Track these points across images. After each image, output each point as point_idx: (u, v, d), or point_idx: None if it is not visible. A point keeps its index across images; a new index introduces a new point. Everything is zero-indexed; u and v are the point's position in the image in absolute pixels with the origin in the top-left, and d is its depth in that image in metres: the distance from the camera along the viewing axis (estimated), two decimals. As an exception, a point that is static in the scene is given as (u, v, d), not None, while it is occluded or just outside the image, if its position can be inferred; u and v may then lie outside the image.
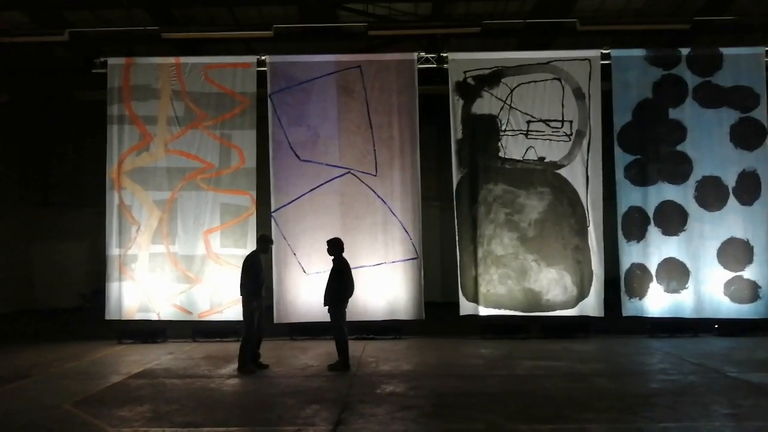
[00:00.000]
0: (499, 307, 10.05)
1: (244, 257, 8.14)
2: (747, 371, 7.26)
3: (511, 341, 9.57)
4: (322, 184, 10.07)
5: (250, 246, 9.97)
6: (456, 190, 10.23)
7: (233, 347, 9.30)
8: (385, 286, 9.95)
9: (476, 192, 10.16)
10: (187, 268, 9.97)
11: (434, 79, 10.93)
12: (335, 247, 8.01)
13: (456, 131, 10.26)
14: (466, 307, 10.06)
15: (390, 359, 8.21)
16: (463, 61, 10.28)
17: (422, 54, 10.39)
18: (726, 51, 10.13)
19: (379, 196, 10.10)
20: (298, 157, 10.12)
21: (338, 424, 5.35)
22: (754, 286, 9.74)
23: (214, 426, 5.32)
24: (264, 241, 8.15)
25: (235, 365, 7.78)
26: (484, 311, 9.99)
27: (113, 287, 10.04)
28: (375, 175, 10.13)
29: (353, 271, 9.67)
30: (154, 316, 9.96)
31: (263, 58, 10.32)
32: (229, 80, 10.33)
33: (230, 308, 9.85)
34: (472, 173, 10.20)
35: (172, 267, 9.99)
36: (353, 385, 6.80)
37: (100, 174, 10.33)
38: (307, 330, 9.91)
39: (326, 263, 9.79)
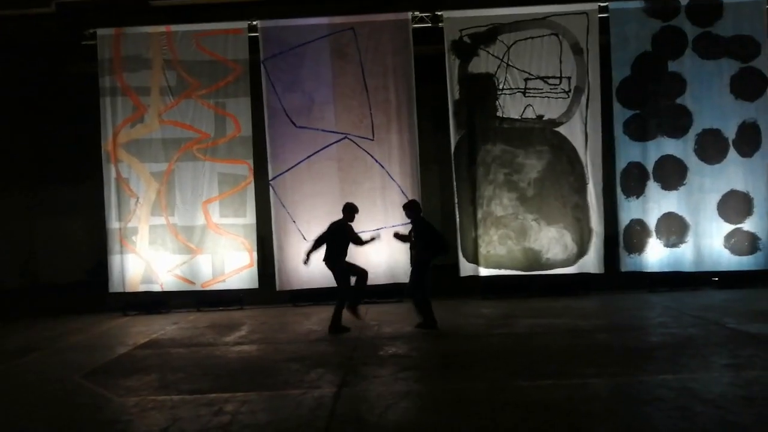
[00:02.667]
0: (500, 268, 10.09)
1: (335, 225, 7.96)
2: (746, 322, 7.33)
3: (512, 301, 9.65)
4: (318, 151, 10.00)
5: (250, 215, 10.02)
6: (454, 152, 10.17)
7: (237, 315, 9.47)
8: (385, 251, 9.96)
9: (475, 153, 10.10)
10: (187, 239, 10.00)
11: (430, 38, 10.72)
12: (414, 209, 7.95)
13: (453, 92, 10.13)
14: (466, 268, 10.10)
15: (392, 322, 8.29)
16: (458, 19, 10.09)
17: (416, 13, 10.18)
18: (726, 0, 9.92)
19: (376, 161, 10.05)
20: (294, 124, 10.02)
21: (342, 386, 5.43)
22: (754, 238, 9.75)
23: (221, 392, 5.40)
24: (351, 210, 8.03)
25: (240, 332, 7.87)
26: (484, 272, 10.04)
27: (115, 260, 10.09)
28: (372, 140, 10.06)
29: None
30: (157, 288, 10.04)
31: (254, 23, 10.14)
32: (221, 47, 10.16)
33: (233, 277, 9.93)
34: (470, 134, 10.11)
35: (172, 238, 10.01)
36: (357, 348, 6.89)
37: (96, 147, 10.27)
38: (309, 296, 9.98)
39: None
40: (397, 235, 8.21)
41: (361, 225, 9.86)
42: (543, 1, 10.52)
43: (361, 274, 7.86)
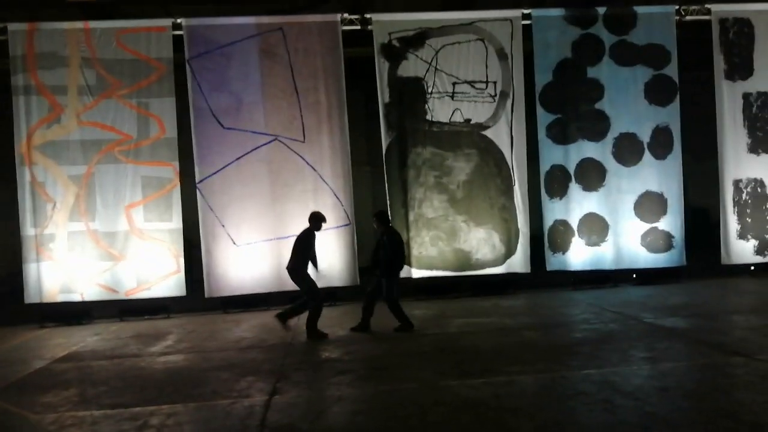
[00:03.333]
0: (431, 269, 10.23)
1: (301, 234, 7.82)
2: (662, 317, 7.75)
3: (444, 301, 9.81)
4: (248, 152, 9.81)
5: (176, 219, 9.71)
6: (386, 154, 10.23)
7: (164, 324, 9.15)
8: (318, 255, 9.87)
9: (405, 155, 10.20)
10: (109, 245, 9.57)
11: (360, 41, 10.76)
12: (383, 218, 7.94)
13: (383, 95, 10.19)
14: (399, 270, 10.17)
15: (325, 326, 8.20)
16: (387, 23, 10.16)
17: (346, 15, 10.18)
18: (640, 10, 10.44)
19: (308, 163, 9.96)
20: (222, 125, 9.79)
21: (274, 394, 5.34)
22: (668, 236, 10.33)
23: (145, 405, 5.20)
24: (318, 219, 7.90)
25: (166, 342, 7.61)
26: (416, 273, 10.16)
27: (31, 269, 9.52)
28: (303, 142, 9.96)
29: (285, 241, 9.65)
30: (77, 297, 9.55)
31: (179, 21, 9.84)
32: (144, 45, 9.80)
33: (159, 284, 9.59)
34: (401, 137, 10.21)
35: (93, 245, 9.55)
36: (289, 355, 6.80)
37: (9, 150, 9.67)
38: (240, 303, 9.79)
39: (257, 234, 9.73)
40: (370, 271, 8.08)
41: (293, 228, 9.77)
42: (469, 7, 10.78)
43: (315, 296, 7.72)
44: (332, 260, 9.94)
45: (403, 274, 10.06)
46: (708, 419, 4.27)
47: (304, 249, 7.71)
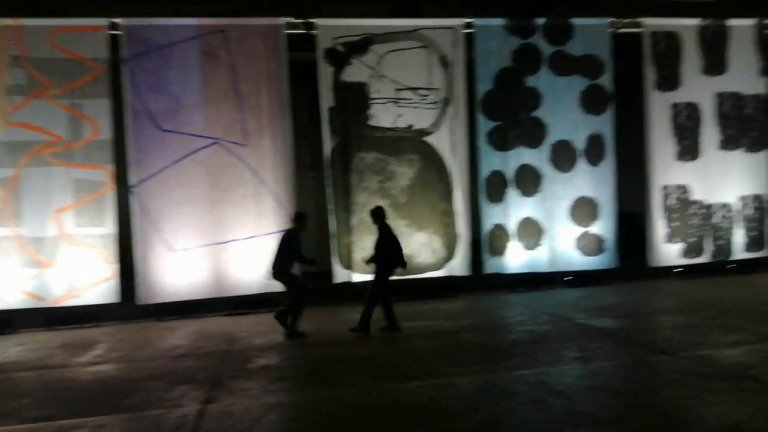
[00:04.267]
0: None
1: (285, 232, 7.91)
2: (593, 317, 8.02)
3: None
4: (186, 156, 9.57)
5: (109, 224, 9.39)
6: (329, 159, 10.20)
7: (94, 333, 8.81)
8: (258, 260, 9.75)
9: (349, 160, 10.20)
10: (36, 251, 9.13)
11: (304, 45, 10.70)
12: (380, 214, 7.94)
13: (327, 99, 10.16)
14: (340, 274, 10.17)
15: (264, 332, 8.13)
16: (331, 28, 10.15)
17: (290, 19, 10.11)
18: (576, 21, 10.80)
19: (249, 167, 9.81)
20: (159, 128, 9.53)
21: (208, 403, 5.23)
22: (601, 240, 10.71)
23: (72, 417, 4.99)
24: (302, 219, 7.98)
25: (95, 351, 7.35)
26: (358, 278, 10.15)
27: (-50, 276, 9.01)
28: (244, 145, 9.81)
29: (224, 246, 9.50)
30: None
31: (117, 20, 9.53)
32: (79, 45, 9.43)
33: (89, 291, 9.22)
34: (345, 141, 10.20)
35: (19, 251, 9.11)
36: (225, 362, 6.67)
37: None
38: (176, 309, 9.52)
39: (194, 239, 9.51)
40: (366, 261, 8.21)
41: (233, 233, 9.70)
42: (414, 14, 10.91)
43: (303, 293, 7.84)
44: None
45: (344, 278, 10.18)
46: (635, 416, 4.44)
47: (289, 249, 7.73)
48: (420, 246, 10.32)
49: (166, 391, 5.62)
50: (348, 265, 10.16)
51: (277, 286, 9.70)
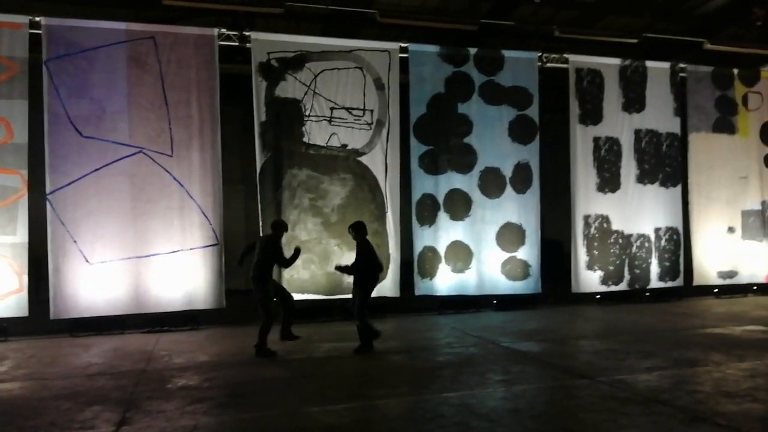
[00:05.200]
0: (303, 292, 10.09)
1: (264, 240, 7.75)
2: (517, 341, 8.19)
3: (313, 325, 9.69)
4: (108, 164, 9.17)
5: (21, 233, 8.83)
6: (260, 174, 10.02)
7: (0, 348, 8.19)
8: (181, 275, 9.41)
9: (281, 176, 10.06)
10: (-62, 260, 8.45)
11: (237, 57, 10.55)
12: (360, 231, 7.84)
13: (260, 113, 10.02)
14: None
15: (185, 351, 7.80)
16: (266, 42, 10.05)
17: (224, 31, 9.94)
18: (507, 53, 11.21)
19: (175, 179, 9.49)
20: (80, 133, 9.08)
21: (121, 425, 4.92)
22: (526, 265, 11.03)
23: (-36, 442, 4.57)
24: (281, 227, 7.89)
25: (0, 368, 6.81)
26: (288, 296, 9.95)
27: None
28: (171, 156, 9.50)
29: (145, 260, 9.13)
30: None
31: (38, 19, 9.06)
32: (-6, 41, 8.90)
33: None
34: (277, 157, 10.06)
35: None
36: (141, 382, 6.33)
37: None
38: (91, 325, 9.03)
39: (113, 251, 9.07)
40: (339, 268, 7.94)
41: (155, 247, 9.33)
42: (350, 35, 10.99)
43: (288, 298, 7.89)
44: (197, 282, 9.51)
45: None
46: (553, 438, 4.52)
47: (269, 257, 7.60)
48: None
49: (76, 412, 5.26)
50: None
51: (200, 304, 9.49)
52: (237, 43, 10.02)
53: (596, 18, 12.59)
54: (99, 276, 8.98)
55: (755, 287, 12.74)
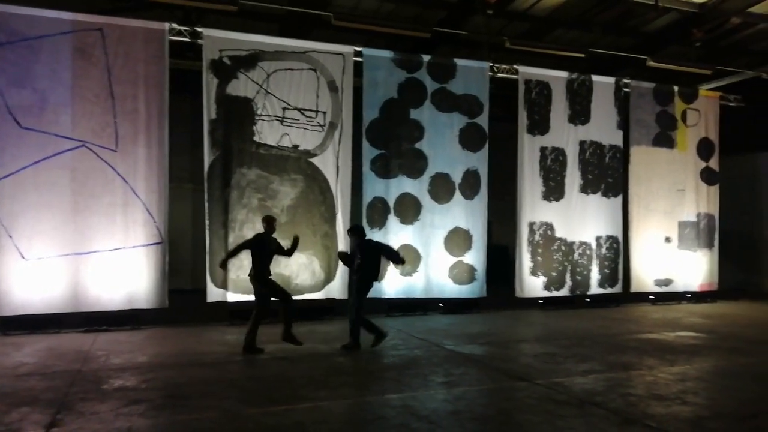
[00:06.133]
0: (249, 293, 9.83)
1: (260, 237, 7.83)
2: (461, 344, 8.32)
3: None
4: (49, 157, 8.85)
5: (-50, 226, 8.39)
6: (208, 172, 9.85)
7: None
8: (123, 273, 9.17)
9: (229, 175, 9.93)
10: None
11: (188, 53, 10.38)
12: (359, 234, 8.17)
13: (210, 111, 9.86)
14: (214, 293, 9.79)
15: (124, 351, 7.59)
16: (219, 39, 9.92)
17: (175, 26, 9.76)
18: (459, 62, 11.41)
19: (119, 174, 9.25)
20: (19, 124, 8.74)
21: (51, 427, 4.76)
22: (472, 269, 11.22)
23: None
24: (271, 222, 7.91)
25: None
26: (233, 297, 9.83)
27: None
28: (115, 151, 9.24)
29: (85, 257, 8.88)
30: None
31: (-23, 4, 8.70)
32: (-73, 26, 8.49)
33: None
34: (226, 155, 9.93)
35: None
36: (76, 383, 6.13)
37: None
38: (26, 324, 8.68)
39: (52, 248, 8.77)
40: (341, 255, 8.56)
41: (96, 244, 9.08)
42: (304, 36, 10.96)
43: (286, 297, 7.86)
44: (139, 281, 9.28)
45: (218, 297, 9.81)
46: (490, 439, 4.62)
47: (261, 253, 7.67)
48: (299, 267, 10.22)
49: (3, 414, 5.05)
50: (223, 284, 9.80)
51: (142, 303, 9.27)
52: (188, 39, 9.85)
53: (546, 31, 12.97)
54: (35, 272, 8.66)
55: (689, 295, 13.33)
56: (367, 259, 7.98)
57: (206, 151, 9.83)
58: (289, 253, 8.02)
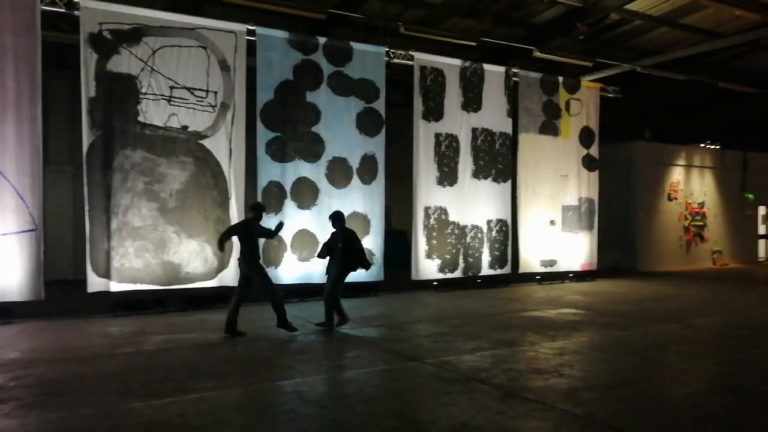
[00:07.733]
0: (135, 282, 9.49)
1: (245, 223, 8.05)
2: (356, 327, 8.38)
3: (146, 317, 9.18)
4: None
5: None
6: (87, 154, 9.22)
7: None
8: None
9: (111, 157, 9.34)
10: None
11: (63, 25, 9.61)
12: (340, 220, 8.35)
13: (89, 88, 9.20)
14: (96, 283, 9.22)
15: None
16: (98, 12, 9.25)
17: (46, -6, 8.99)
18: (356, 46, 11.36)
19: (-16, 156, 8.44)
20: None
21: None
22: (370, 254, 11.22)
23: None
24: (258, 209, 8.12)
25: None
26: (116, 287, 9.31)
27: None
28: (-21, 130, 8.42)
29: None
30: None
31: None
32: None
33: None
34: (107, 136, 9.33)
35: None
36: (-71, 384, 5.56)
37: None
38: None
39: None
40: (321, 256, 8.56)
41: (-44, 232, 8.22)
42: (192, 11, 10.46)
43: (272, 288, 8.02)
44: (10, 271, 8.56)
45: (100, 287, 9.25)
46: (378, 421, 4.68)
47: (250, 238, 7.84)
48: (190, 254, 9.85)
49: None
50: (105, 274, 9.24)
51: (14, 295, 8.59)
52: (63, 10, 9.10)
53: (441, 19, 13.21)
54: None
55: (571, 274, 14.22)
56: (349, 247, 8.20)
57: (85, 131, 9.17)
58: (272, 235, 8.23)
